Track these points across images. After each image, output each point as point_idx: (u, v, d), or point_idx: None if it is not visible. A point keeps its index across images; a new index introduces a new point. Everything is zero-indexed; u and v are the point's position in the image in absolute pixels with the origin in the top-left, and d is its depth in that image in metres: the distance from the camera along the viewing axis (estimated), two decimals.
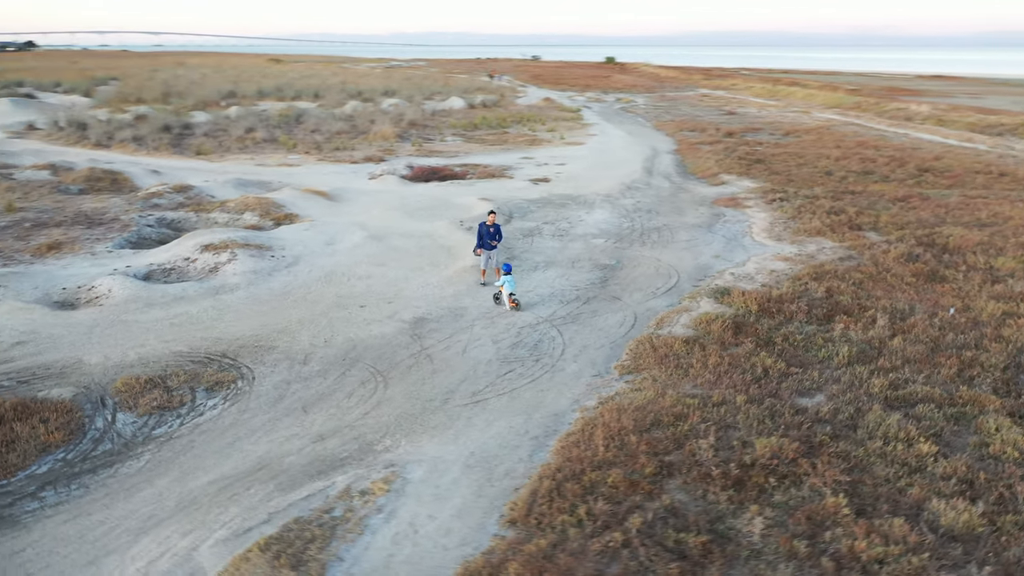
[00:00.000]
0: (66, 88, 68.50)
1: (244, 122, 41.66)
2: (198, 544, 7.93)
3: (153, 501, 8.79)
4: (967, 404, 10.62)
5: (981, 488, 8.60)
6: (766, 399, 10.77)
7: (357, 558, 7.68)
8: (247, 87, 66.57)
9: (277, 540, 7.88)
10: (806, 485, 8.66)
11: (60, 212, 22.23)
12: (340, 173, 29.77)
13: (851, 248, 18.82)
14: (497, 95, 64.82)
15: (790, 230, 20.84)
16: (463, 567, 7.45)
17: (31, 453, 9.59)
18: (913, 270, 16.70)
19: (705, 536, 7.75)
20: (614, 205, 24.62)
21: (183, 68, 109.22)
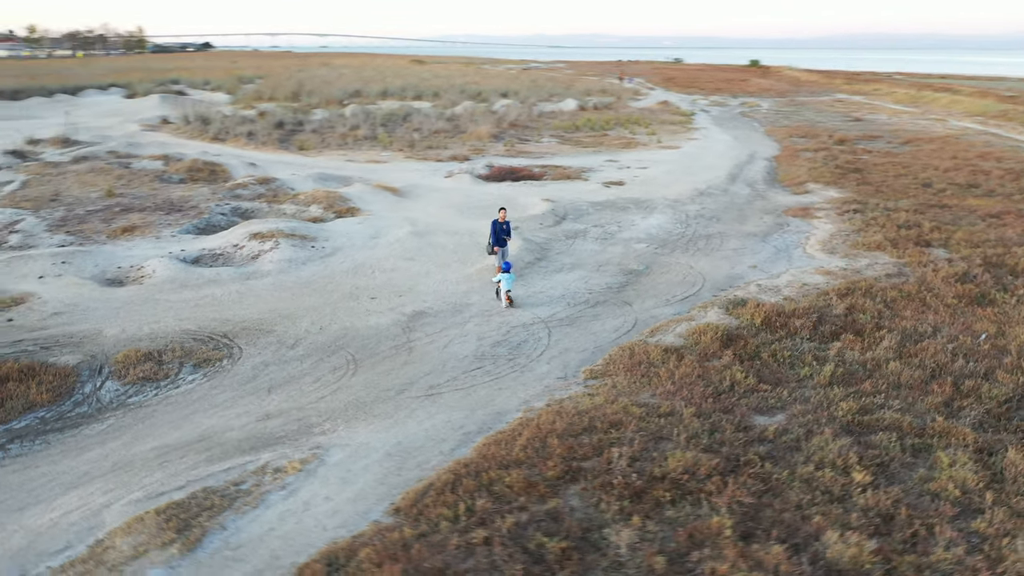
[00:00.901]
0: (213, 86, 74.06)
1: (353, 120, 43.65)
2: (112, 503, 8.65)
3: (96, 461, 9.64)
4: (935, 436, 9.81)
5: (898, 524, 7.98)
6: (715, 414, 10.38)
7: (239, 529, 8.14)
8: (374, 87, 69.49)
9: (177, 506, 8.46)
10: (706, 504, 8.34)
11: (151, 199, 24.29)
12: (421, 171, 30.71)
13: (907, 264, 17.57)
14: (613, 97, 64.36)
15: (848, 243, 19.67)
16: (328, 547, 7.74)
17: (16, 410, 10.72)
18: (960, 291, 15.41)
19: (569, 543, 7.66)
20: (676, 210, 24.07)
21: (327, 68, 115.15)
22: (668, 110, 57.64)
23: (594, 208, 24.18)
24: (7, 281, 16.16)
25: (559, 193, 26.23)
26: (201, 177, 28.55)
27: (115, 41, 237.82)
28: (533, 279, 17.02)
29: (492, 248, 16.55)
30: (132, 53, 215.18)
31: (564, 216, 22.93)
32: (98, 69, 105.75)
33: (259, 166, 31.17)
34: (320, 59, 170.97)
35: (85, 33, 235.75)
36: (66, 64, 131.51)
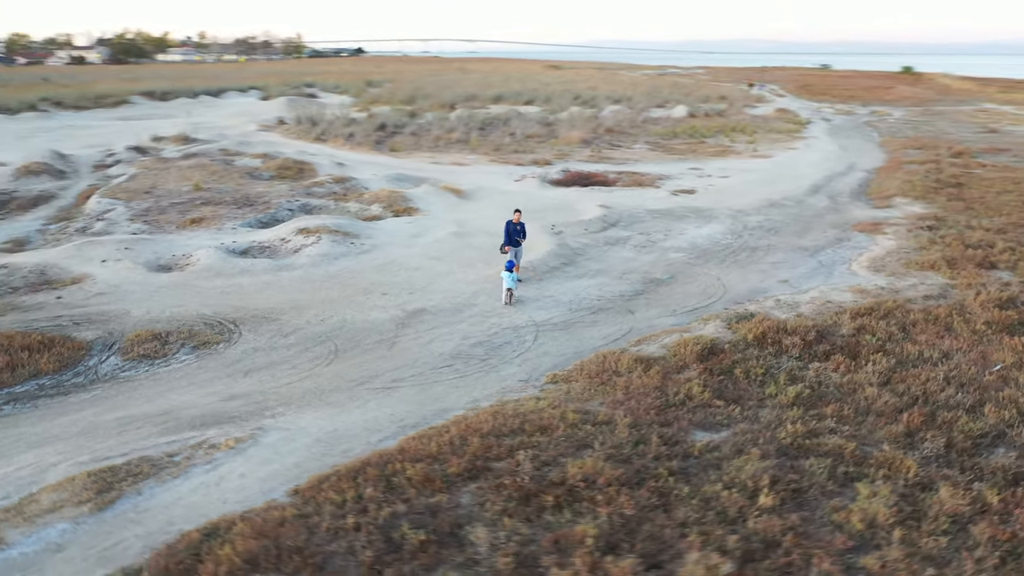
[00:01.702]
0: (341, 89, 77.90)
1: (452, 124, 44.83)
2: (61, 463, 9.60)
3: (67, 425, 10.68)
4: (874, 466, 9.21)
5: (778, 553, 7.63)
6: (651, 426, 10.20)
7: (152, 496, 8.84)
8: (492, 91, 70.88)
9: (110, 470, 9.28)
10: (589, 512, 8.28)
11: (231, 194, 26.10)
12: (496, 174, 31.23)
13: (956, 286, 16.33)
14: (727, 104, 62.59)
15: (902, 261, 18.46)
16: (217, 519, 8.28)
17: (22, 376, 12.02)
18: (997, 317, 14.19)
19: (432, 537, 7.84)
20: (736, 221, 23.34)
21: (460, 73, 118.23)
22: (783, 118, 55.42)
23: (650, 216, 23.83)
24: (75, 263, 17.93)
25: (621, 200, 26.02)
26: (288, 175, 30.32)
27: (276, 47, 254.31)
28: (550, 283, 17.09)
29: (504, 248, 16.81)
30: (290, 58, 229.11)
31: (615, 223, 22.76)
32: (250, 72, 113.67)
33: (346, 166, 32.71)
34: (459, 64, 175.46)
35: (249, 39, 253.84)
36: (226, 68, 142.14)
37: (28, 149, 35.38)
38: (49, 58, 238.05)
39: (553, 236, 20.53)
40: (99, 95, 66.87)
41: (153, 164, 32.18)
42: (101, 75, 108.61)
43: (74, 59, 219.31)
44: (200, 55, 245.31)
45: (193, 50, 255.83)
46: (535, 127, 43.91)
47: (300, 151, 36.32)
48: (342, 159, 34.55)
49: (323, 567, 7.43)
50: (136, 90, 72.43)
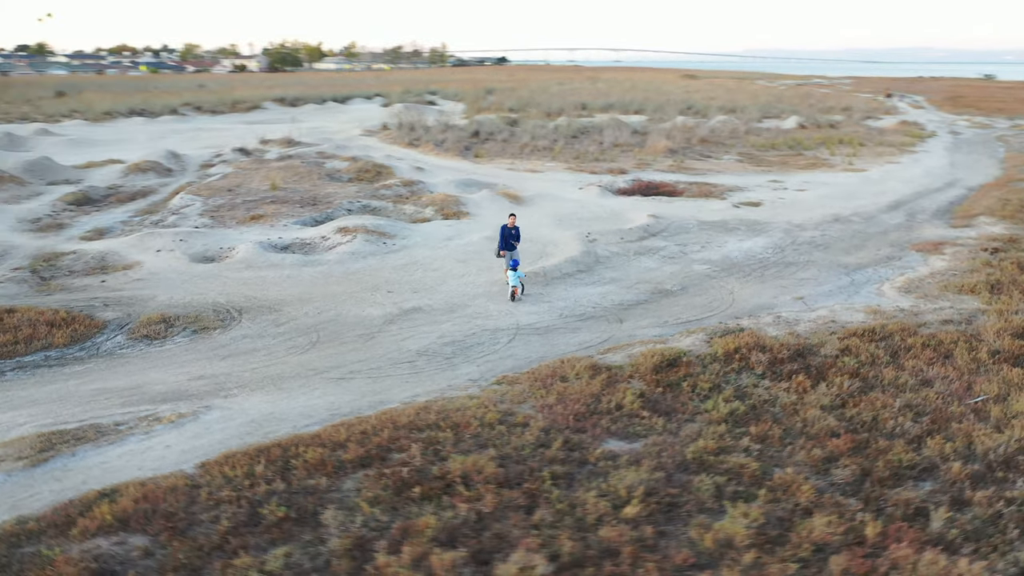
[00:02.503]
0: (460, 97, 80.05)
1: (544, 131, 45.26)
2: (26, 423, 10.79)
3: (50, 393, 11.93)
4: (770, 488, 8.87)
5: (609, 562, 7.58)
6: (565, 431, 10.23)
7: (82, 458, 9.80)
8: (603, 100, 70.81)
9: (59, 433, 10.35)
10: (451, 507, 8.49)
11: (303, 193, 27.68)
12: (564, 182, 31.39)
13: (985, 312, 15.16)
14: (845, 116, 59.56)
15: (942, 283, 17.27)
16: (124, 482, 9.10)
17: (35, 347, 13.48)
18: (1009, 346, 13.09)
19: (292, 514, 8.30)
20: (788, 235, 22.46)
21: (588, 82, 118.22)
22: (903, 131, 52.17)
23: (699, 227, 23.33)
24: (132, 252, 19.73)
25: (676, 210, 25.59)
26: (366, 177, 31.74)
27: (422, 56, 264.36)
28: (556, 289, 17.20)
29: (499, 252, 17.10)
30: (434, 67, 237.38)
31: (656, 233, 22.46)
32: (386, 80, 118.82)
33: (423, 170, 33.85)
34: (593, 74, 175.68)
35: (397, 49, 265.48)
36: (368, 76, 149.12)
37: (150, 149, 38.81)
38: (214, 66, 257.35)
39: (581, 243, 20.55)
40: (235, 100, 72.11)
41: (249, 165, 34.54)
42: (249, 82, 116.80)
43: (236, 67, 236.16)
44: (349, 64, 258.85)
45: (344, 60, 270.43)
46: (626, 136, 43.62)
47: (388, 155, 37.88)
48: (424, 163, 35.75)
49: (184, 532, 8.03)
50: (270, 96, 77.55)
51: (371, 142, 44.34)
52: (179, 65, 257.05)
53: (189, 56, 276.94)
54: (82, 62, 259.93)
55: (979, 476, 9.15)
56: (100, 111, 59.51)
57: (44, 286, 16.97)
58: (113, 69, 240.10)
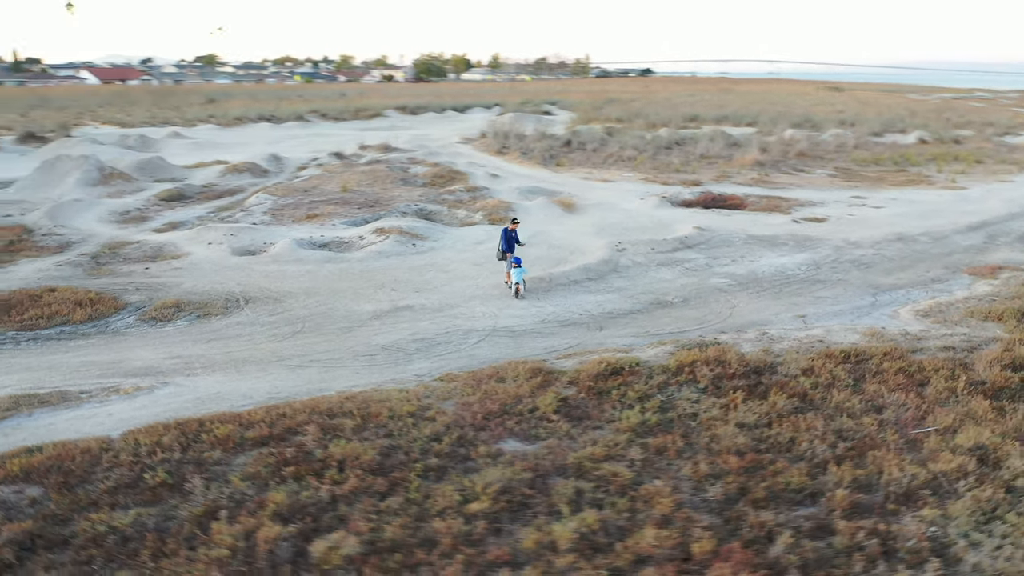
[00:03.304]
0: (577, 107, 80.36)
1: (635, 142, 44.86)
2: (9, 387, 12.14)
3: (44, 362, 13.34)
4: (632, 498, 8.75)
5: (426, 549, 7.79)
6: (465, 428, 10.46)
7: (36, 419, 10.98)
8: (717, 112, 69.14)
9: (29, 396, 11.63)
10: (313, 487, 8.94)
11: (368, 196, 28.99)
12: (630, 192, 31.11)
13: (998, 339, 14.00)
14: (976, 131, 55.16)
15: (969, 308, 16.01)
16: (54, 442, 10.15)
17: (55, 322, 15.07)
18: (995, 377, 12.07)
19: (172, 480, 9.02)
20: (835, 252, 21.38)
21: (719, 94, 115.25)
22: None
23: (743, 241, 22.61)
24: (187, 244, 21.49)
25: (730, 223, 24.88)
26: (438, 182, 32.75)
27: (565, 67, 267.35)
28: (554, 295, 17.28)
29: (503, 254, 17.38)
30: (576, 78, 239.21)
31: (693, 245, 21.99)
32: (520, 90, 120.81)
33: (497, 177, 34.51)
34: (730, 85, 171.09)
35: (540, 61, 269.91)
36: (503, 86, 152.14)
37: (256, 151, 41.65)
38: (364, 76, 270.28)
39: (606, 252, 20.46)
40: (359, 108, 75.82)
41: (337, 168, 36.44)
42: (387, 91, 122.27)
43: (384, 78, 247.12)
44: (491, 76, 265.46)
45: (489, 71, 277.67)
46: (719, 148, 42.52)
47: (471, 162, 38.85)
48: (501, 171, 36.41)
49: (72, 488, 8.91)
50: (393, 104, 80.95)
51: (464, 149, 45.55)
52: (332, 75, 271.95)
53: (343, 67, 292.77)
54: (247, 72, 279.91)
55: (865, 506, 8.62)
56: (232, 116, 64.29)
57: (96, 270, 18.81)
58: (272, 79, 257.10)
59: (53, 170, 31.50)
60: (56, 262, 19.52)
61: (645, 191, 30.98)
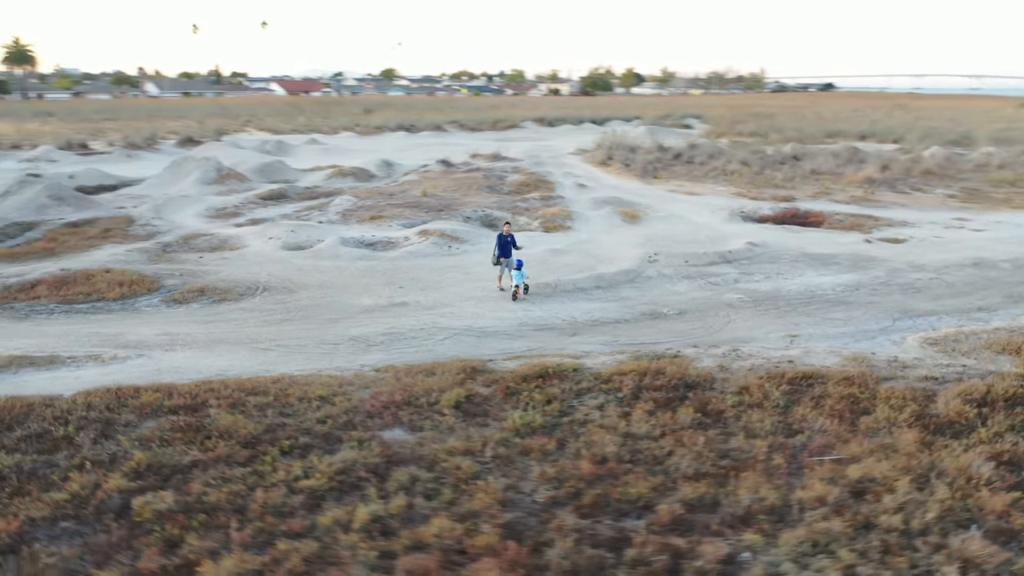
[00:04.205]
0: (715, 120, 78.26)
1: (744, 156, 43.24)
2: (18, 348, 13.93)
3: (61, 330, 15.14)
4: (461, 491, 8.89)
5: (200, 520, 8.35)
6: (359, 414, 10.93)
7: (19, 375, 12.57)
8: (862, 127, 65.01)
9: (25, 358, 13.31)
10: (176, 451, 9.73)
11: (443, 200, 30.01)
12: (708, 205, 30.16)
13: (997, 372, 12.67)
14: None
15: (989, 341, 14.50)
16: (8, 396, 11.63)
17: (91, 299, 17.00)
18: (948, 410, 10.99)
19: (71, 434, 10.14)
20: (888, 274, 19.84)
21: (893, 110, 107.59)
22: None
23: (793, 259, 21.47)
24: (250, 238, 23.37)
25: (792, 240, 23.69)
26: (522, 190, 33.31)
27: (737, 81, 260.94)
28: (551, 301, 17.32)
29: (497, 259, 17.62)
30: (749, 92, 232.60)
31: (734, 260, 21.17)
32: (680, 104, 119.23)
33: (585, 187, 34.58)
34: (908, 100, 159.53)
35: (711, 75, 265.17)
36: (662, 100, 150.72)
37: (374, 157, 44.03)
38: (531, 90, 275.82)
39: (631, 263, 20.18)
40: (496, 120, 77.86)
41: (433, 174, 37.92)
42: (539, 104, 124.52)
43: (550, 91, 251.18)
44: (659, 89, 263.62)
45: (659, 85, 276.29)
46: (833, 164, 40.15)
47: (568, 172, 39.15)
48: (592, 181, 36.42)
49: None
50: (530, 116, 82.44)
51: (573, 160, 45.87)
52: (500, 89, 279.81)
53: (513, 81, 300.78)
54: (420, 85, 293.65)
55: (688, 523, 8.31)
56: (372, 126, 68.12)
57: (158, 257, 20.93)
58: (443, 91, 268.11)
59: (179, 169, 35.03)
60: (132, 248, 21.86)
61: (725, 205, 29.95)
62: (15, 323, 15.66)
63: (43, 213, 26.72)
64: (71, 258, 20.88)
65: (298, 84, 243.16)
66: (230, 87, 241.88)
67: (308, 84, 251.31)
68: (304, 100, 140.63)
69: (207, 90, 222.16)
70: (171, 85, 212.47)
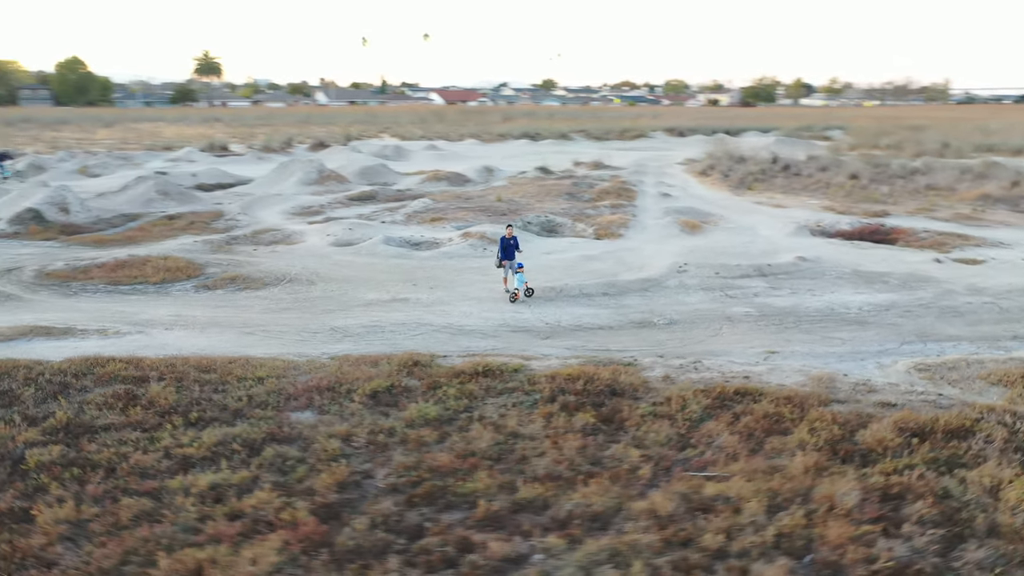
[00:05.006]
0: (858, 131, 73.76)
1: (860, 168, 40.68)
2: (50, 320, 15.78)
3: (93, 306, 16.94)
4: (318, 471, 9.36)
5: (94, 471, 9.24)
6: (280, 396, 11.62)
7: (29, 343, 14.24)
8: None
9: (44, 328, 15.07)
10: (103, 416, 10.82)
11: (513, 205, 30.50)
12: (781, 218, 28.65)
13: (972, 404, 11.60)
14: None
15: (987, 372, 13.20)
16: (9, 358, 13.28)
17: (136, 281, 18.85)
18: (876, 439, 10.25)
19: (33, 392, 11.50)
20: (937, 296, 18.28)
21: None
22: None
23: (840, 275, 20.19)
24: (310, 234, 24.91)
25: (850, 256, 22.29)
26: (602, 197, 33.22)
27: (921, 92, 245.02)
28: (548, 305, 17.34)
29: (500, 262, 17.83)
30: (932, 103, 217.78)
31: (771, 274, 20.22)
32: (838, 116, 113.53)
33: (669, 196, 34.05)
34: None
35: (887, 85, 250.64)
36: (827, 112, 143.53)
37: (477, 163, 45.22)
38: (688, 100, 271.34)
39: (657, 271, 19.82)
40: (624, 129, 77.40)
41: (523, 180, 38.55)
42: (688, 115, 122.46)
43: (709, 102, 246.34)
44: (826, 101, 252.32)
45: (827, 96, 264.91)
46: (950, 179, 37.00)
47: (661, 181, 38.61)
48: (680, 191, 35.72)
49: None
50: (661, 127, 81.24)
51: (675, 170, 45.03)
52: (656, 99, 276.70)
53: (671, 91, 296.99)
54: (575, 95, 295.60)
55: (501, 521, 8.30)
56: (496, 133, 69.70)
57: (219, 248, 22.79)
58: (597, 102, 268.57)
59: (285, 171, 37.67)
60: (202, 239, 23.93)
61: (804, 218, 28.48)
62: (61, 299, 17.68)
63: (149, 206, 29.67)
64: (147, 246, 23.14)
65: (456, 94, 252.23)
66: (393, 96, 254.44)
67: (466, 94, 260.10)
68: (450, 109, 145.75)
69: (371, 99, 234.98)
70: (339, 95, 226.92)
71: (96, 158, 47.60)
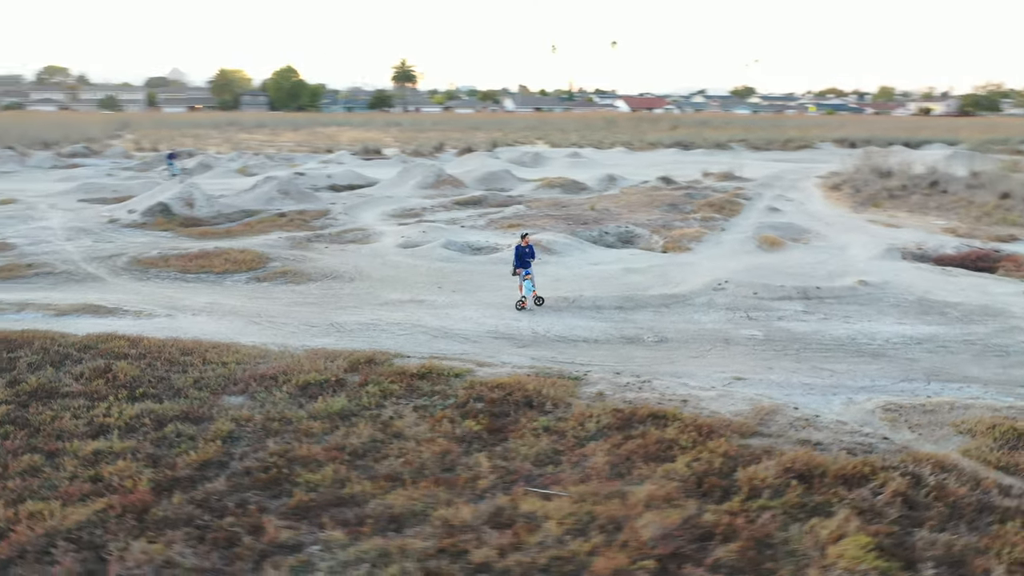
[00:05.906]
0: None
1: (1015, 188, 36.23)
2: (109, 301, 18.10)
3: (156, 291, 19.12)
4: (198, 448, 10.34)
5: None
6: (223, 381, 12.77)
7: (74, 319, 16.52)
8: None
9: (94, 306, 17.33)
10: (70, 383, 12.47)
11: (605, 215, 30.37)
12: (885, 239, 26.16)
13: (911, 453, 10.61)
14: None
15: (963, 419, 11.83)
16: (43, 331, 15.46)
17: (203, 271, 21.00)
18: (756, 478, 9.70)
19: (31, 361, 13.45)
20: (991, 334, 16.39)
21: None
22: None
23: (898, 303, 18.52)
24: (387, 236, 26.36)
25: (925, 283, 20.27)
26: (704, 210, 32.22)
27: None
28: (551, 315, 17.31)
29: (515, 270, 18.03)
30: None
31: (816, 297, 18.85)
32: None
33: (778, 210, 32.41)
34: None
35: None
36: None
37: (603, 172, 45.21)
38: (896, 109, 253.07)
39: (690, 288, 19.23)
40: (788, 140, 73.59)
41: (634, 191, 38.12)
42: (878, 124, 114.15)
43: (921, 111, 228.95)
44: None
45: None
46: None
47: (782, 195, 36.80)
48: (795, 205, 33.89)
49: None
50: (830, 137, 76.31)
51: (807, 184, 42.44)
52: (859, 108, 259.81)
53: (879, 99, 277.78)
54: (771, 103, 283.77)
55: (304, 508, 8.80)
56: (647, 142, 68.82)
57: (297, 245, 24.76)
58: (793, 110, 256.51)
59: (406, 174, 39.79)
60: (287, 236, 26.06)
61: (906, 239, 26.11)
62: (132, 282, 20.12)
63: (268, 204, 32.57)
64: (240, 239, 25.56)
65: (641, 101, 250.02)
66: (580, 104, 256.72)
67: (652, 101, 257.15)
68: (623, 115, 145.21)
69: (557, 106, 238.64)
70: (525, 101, 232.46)
71: (257, 159, 52.64)
